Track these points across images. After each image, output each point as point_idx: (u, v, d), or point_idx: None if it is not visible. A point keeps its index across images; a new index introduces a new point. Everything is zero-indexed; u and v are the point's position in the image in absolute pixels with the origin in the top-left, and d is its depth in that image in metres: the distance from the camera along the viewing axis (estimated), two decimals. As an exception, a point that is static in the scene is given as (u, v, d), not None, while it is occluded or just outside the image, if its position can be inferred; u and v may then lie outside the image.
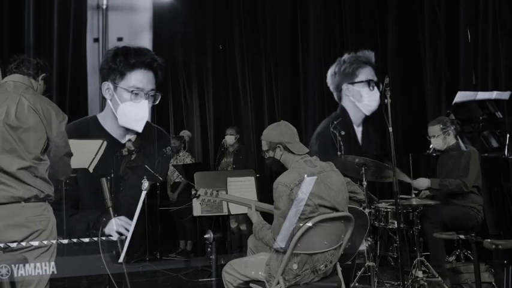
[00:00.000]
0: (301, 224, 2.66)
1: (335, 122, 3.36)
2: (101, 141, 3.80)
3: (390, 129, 3.61)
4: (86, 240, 2.22)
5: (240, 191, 3.80)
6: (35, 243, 2.15)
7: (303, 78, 6.99)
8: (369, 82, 3.09)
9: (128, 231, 2.04)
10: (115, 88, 1.89)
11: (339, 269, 2.94)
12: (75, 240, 2.20)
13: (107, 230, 2.05)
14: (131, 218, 7.41)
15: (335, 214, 2.75)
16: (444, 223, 3.96)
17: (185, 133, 7.21)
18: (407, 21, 6.55)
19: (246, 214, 3.48)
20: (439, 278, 3.76)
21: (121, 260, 2.03)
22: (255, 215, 2.98)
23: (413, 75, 6.48)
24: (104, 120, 1.95)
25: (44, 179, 2.23)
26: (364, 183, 4.06)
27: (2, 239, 2.11)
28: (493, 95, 5.28)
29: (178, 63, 7.88)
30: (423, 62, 6.36)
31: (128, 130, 1.89)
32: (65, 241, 2.13)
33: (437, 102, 6.25)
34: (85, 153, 3.69)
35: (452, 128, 4.27)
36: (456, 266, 4.00)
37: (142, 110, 1.91)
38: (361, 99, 3.17)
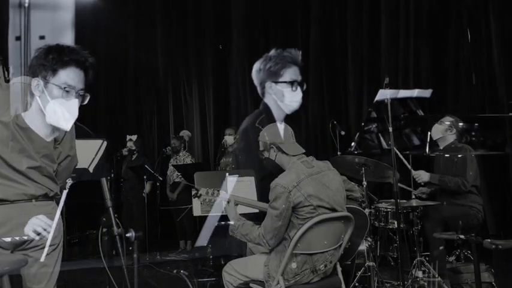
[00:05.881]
0: (300, 224, 2.66)
1: (260, 118, 3.34)
2: (100, 141, 3.80)
3: (390, 129, 3.61)
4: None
5: (240, 191, 3.79)
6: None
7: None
8: (292, 83, 3.10)
9: (48, 231, 2.02)
10: (45, 84, 1.88)
11: (339, 269, 2.94)
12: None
13: (25, 230, 2.04)
14: (131, 219, 7.38)
15: (335, 214, 2.75)
16: (445, 222, 3.96)
17: (185, 133, 7.22)
18: (330, 21, 6.65)
19: (246, 214, 3.46)
20: (439, 278, 3.76)
21: (42, 259, 2.03)
22: (233, 211, 2.91)
23: (336, 75, 6.56)
24: (30, 118, 1.92)
25: (51, 178, 2.25)
26: (364, 183, 4.05)
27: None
28: (415, 93, 5.28)
29: (101, 60, 8.00)
30: (346, 61, 6.45)
31: (55, 129, 1.88)
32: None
33: (359, 101, 6.34)
34: (85, 153, 3.69)
35: (458, 130, 4.26)
36: (456, 266, 4.01)
37: (72, 108, 1.91)
38: (283, 98, 3.17)
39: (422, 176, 4.18)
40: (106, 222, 2.09)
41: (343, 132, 5.32)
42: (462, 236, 2.86)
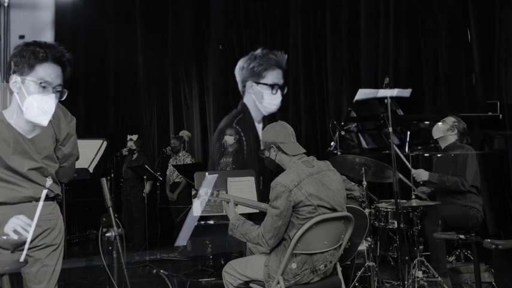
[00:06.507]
0: (301, 224, 2.66)
1: (237, 118, 3.32)
2: (101, 141, 3.81)
3: (390, 129, 3.61)
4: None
5: (240, 191, 3.80)
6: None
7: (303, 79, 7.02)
8: (273, 86, 3.10)
9: (28, 231, 2.02)
10: (23, 80, 1.89)
11: (339, 269, 2.94)
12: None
13: (5, 229, 2.03)
14: (131, 219, 7.37)
15: (335, 214, 2.74)
16: (445, 222, 3.96)
17: (185, 133, 7.22)
18: (310, 21, 6.64)
19: (247, 214, 3.46)
20: (439, 278, 3.76)
21: (22, 259, 2.02)
22: (232, 211, 2.94)
23: (316, 75, 6.57)
24: (10, 115, 1.93)
25: (53, 178, 2.25)
26: (364, 183, 4.05)
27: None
28: (394, 92, 5.32)
29: (81, 59, 8.04)
30: (326, 61, 6.47)
31: (35, 126, 1.89)
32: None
33: (339, 101, 6.34)
34: (85, 153, 3.70)
35: (460, 131, 4.25)
36: (456, 266, 4.01)
37: (49, 104, 1.92)
38: (262, 100, 3.18)
39: (422, 174, 4.17)
40: (106, 222, 2.09)
41: (343, 133, 5.32)
42: (462, 236, 2.86)
